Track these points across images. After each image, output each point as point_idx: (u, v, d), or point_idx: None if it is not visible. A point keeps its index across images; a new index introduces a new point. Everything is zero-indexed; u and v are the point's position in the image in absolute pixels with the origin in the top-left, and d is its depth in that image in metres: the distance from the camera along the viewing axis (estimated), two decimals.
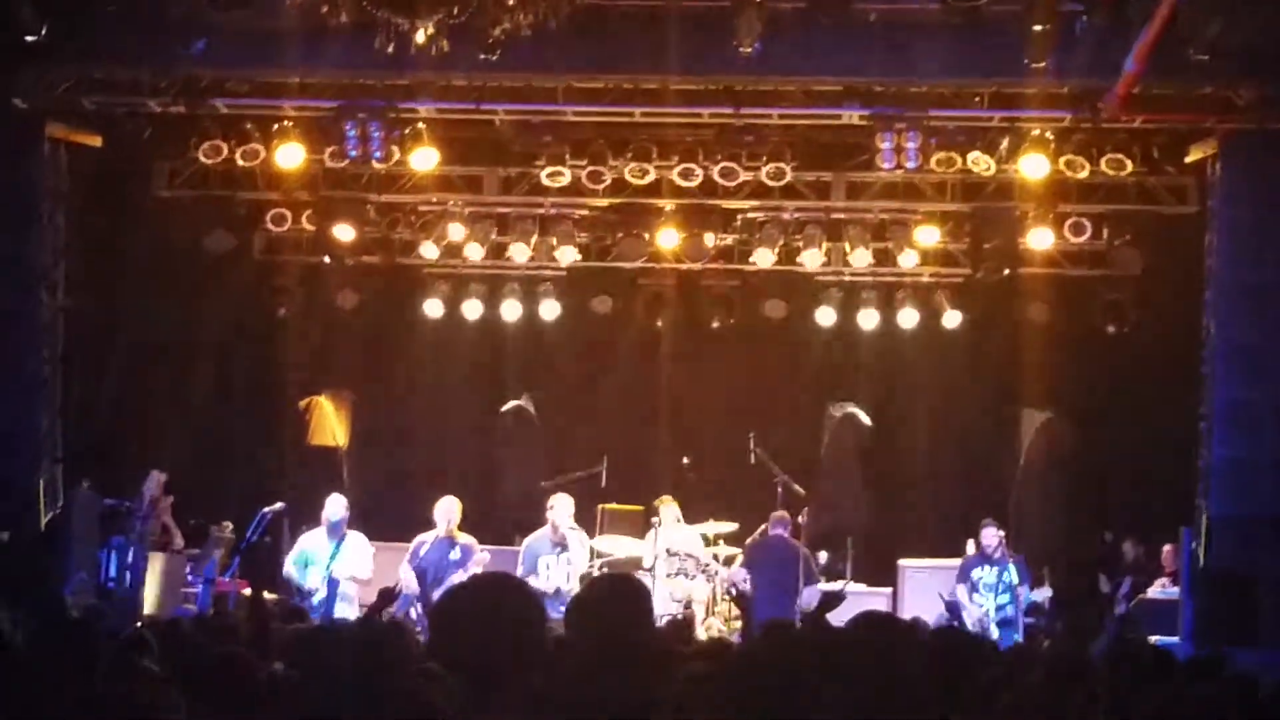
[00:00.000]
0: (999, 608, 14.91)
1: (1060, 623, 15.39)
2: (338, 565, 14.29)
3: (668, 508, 15.65)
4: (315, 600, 14.00)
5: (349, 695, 4.91)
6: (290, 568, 14.39)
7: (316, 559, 14.32)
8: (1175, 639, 13.52)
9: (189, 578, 15.70)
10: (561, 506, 15.12)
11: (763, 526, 15.59)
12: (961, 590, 15.11)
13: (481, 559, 14.48)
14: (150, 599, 14.81)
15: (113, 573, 14.74)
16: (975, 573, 15.10)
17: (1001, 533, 15.13)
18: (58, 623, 5.98)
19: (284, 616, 11.19)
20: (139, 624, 11.21)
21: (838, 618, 7.47)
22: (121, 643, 6.90)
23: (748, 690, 4.85)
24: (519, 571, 14.31)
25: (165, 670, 6.65)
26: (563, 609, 4.80)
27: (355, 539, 14.69)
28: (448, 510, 14.60)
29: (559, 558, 14.89)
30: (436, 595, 14.02)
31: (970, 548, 15.34)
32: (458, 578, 14.22)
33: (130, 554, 14.84)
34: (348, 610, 13.80)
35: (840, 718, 4.52)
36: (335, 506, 14.67)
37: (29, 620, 6.87)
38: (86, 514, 14.83)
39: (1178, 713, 5.82)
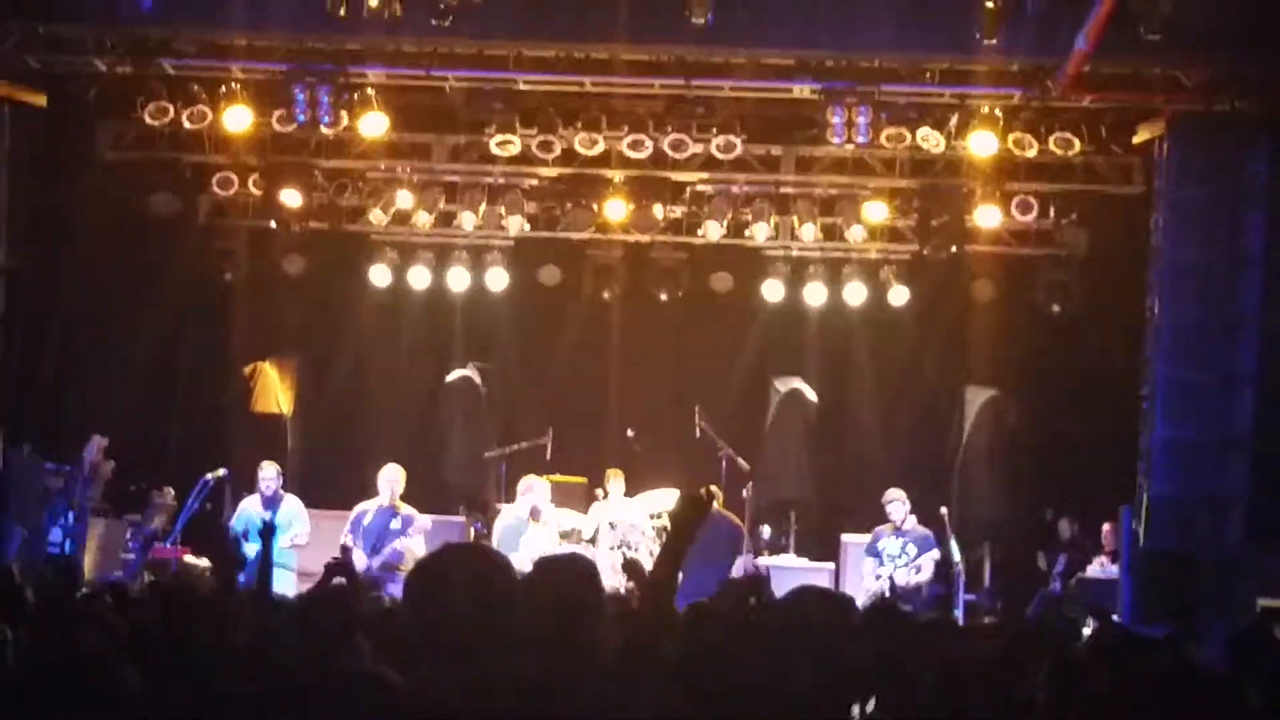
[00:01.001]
0: (892, 578, 14.73)
1: (1000, 600, 15.50)
2: (278, 534, 14.25)
3: (615, 481, 15.66)
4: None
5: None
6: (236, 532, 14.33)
7: (254, 527, 14.28)
8: (1114, 617, 13.60)
9: (129, 543, 15.61)
10: (540, 490, 15.07)
11: None
12: (869, 563, 15.03)
13: (422, 525, 14.45)
14: (88, 564, 14.71)
15: (55, 537, 14.65)
16: (881, 544, 15.03)
17: (907, 504, 15.04)
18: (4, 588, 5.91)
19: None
20: (81, 589, 11.16)
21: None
22: (68, 607, 6.84)
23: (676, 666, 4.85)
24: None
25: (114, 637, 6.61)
26: None
27: (290, 504, 14.69)
28: (391, 479, 14.55)
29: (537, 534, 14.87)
30: (375, 563, 14.08)
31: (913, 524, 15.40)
32: (399, 543, 14.21)
33: (71, 519, 14.75)
34: (287, 578, 13.75)
35: (774, 698, 4.51)
36: (268, 476, 14.65)
37: None
38: (27, 478, 14.69)
39: (1130, 687, 5.85)
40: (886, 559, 14.88)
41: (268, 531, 8.93)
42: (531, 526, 14.88)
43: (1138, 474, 14.35)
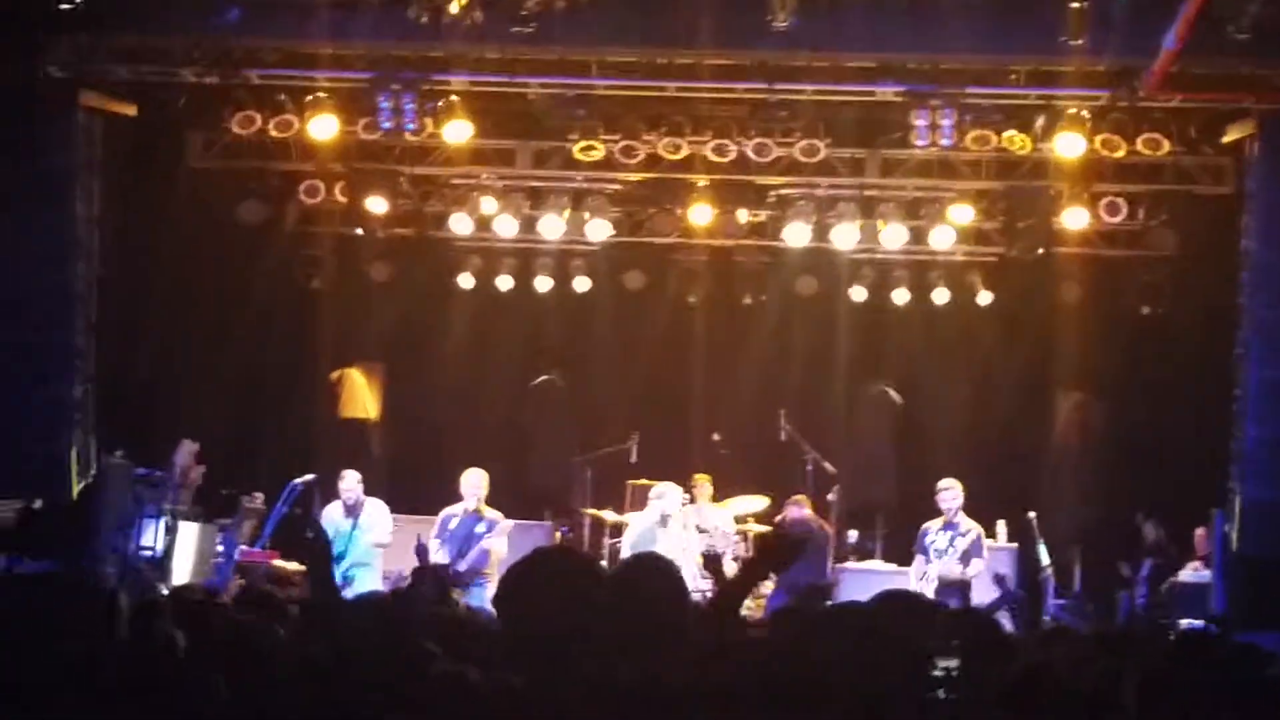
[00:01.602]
0: (941, 574, 14.25)
1: (1091, 606, 15.32)
2: (359, 537, 14.44)
3: (701, 485, 15.65)
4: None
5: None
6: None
7: (338, 534, 14.43)
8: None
9: (220, 548, 15.76)
10: (671, 497, 15.08)
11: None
12: (917, 560, 14.56)
13: (505, 527, 14.51)
14: (183, 569, 14.86)
15: (147, 541, 14.82)
16: (930, 538, 14.52)
17: (960, 496, 14.57)
18: (77, 589, 5.99)
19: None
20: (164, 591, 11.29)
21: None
22: (139, 607, 6.91)
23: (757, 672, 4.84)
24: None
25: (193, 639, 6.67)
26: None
27: (373, 506, 14.82)
28: (475, 484, 14.61)
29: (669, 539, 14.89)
30: (461, 568, 14.15)
31: (1001, 529, 15.23)
32: (486, 542, 14.28)
33: (162, 524, 14.91)
34: (370, 580, 13.87)
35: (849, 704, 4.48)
36: (349, 485, 14.80)
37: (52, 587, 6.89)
38: (119, 483, 14.86)
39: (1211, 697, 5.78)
40: (934, 553, 14.42)
41: (325, 555, 8.99)
42: (661, 533, 14.86)
43: (1230, 477, 14.15)
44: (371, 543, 14.62)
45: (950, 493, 14.63)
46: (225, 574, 14.71)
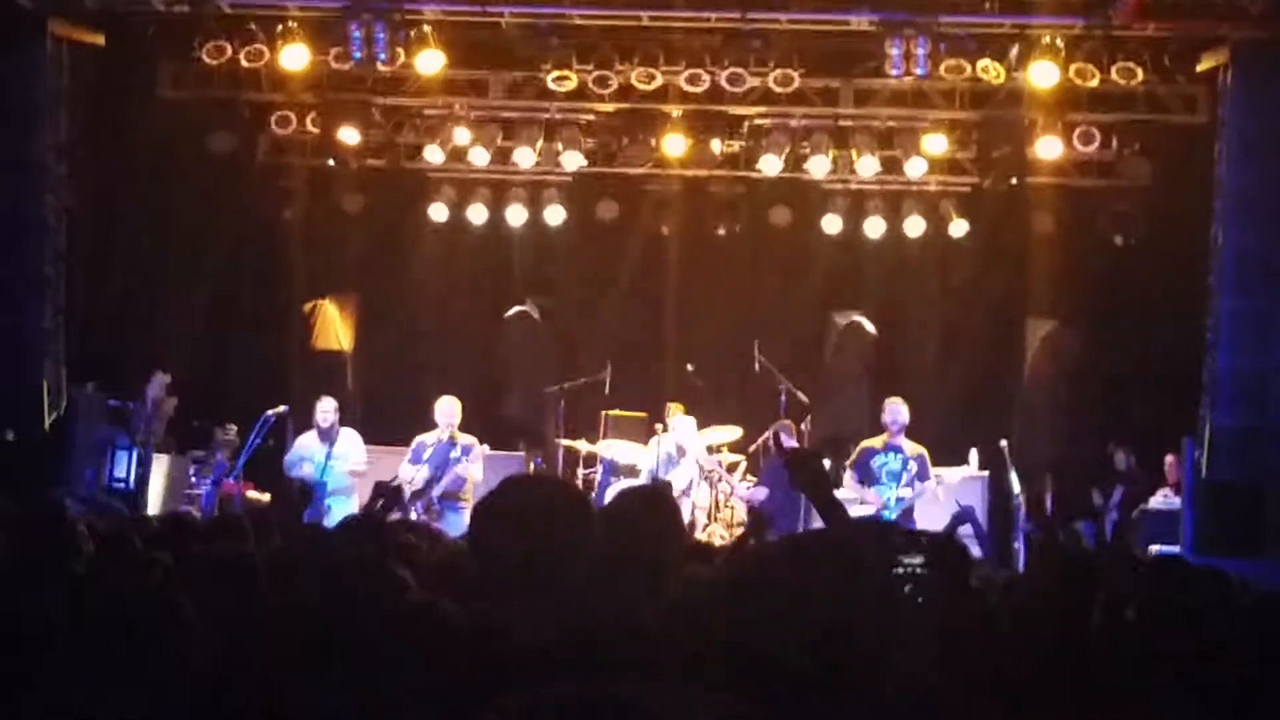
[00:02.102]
0: (899, 500, 14.06)
1: (1062, 530, 15.40)
2: (334, 464, 14.46)
3: (676, 415, 15.69)
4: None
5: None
6: (288, 469, 14.56)
7: (312, 461, 14.47)
8: (1176, 549, 13.54)
9: (192, 479, 15.78)
10: (683, 426, 15.12)
11: (767, 436, 15.60)
12: (850, 478, 14.27)
13: (481, 452, 14.56)
14: (154, 500, 14.89)
15: (119, 473, 14.82)
16: (877, 460, 14.21)
17: (905, 412, 14.33)
18: (47, 519, 5.97)
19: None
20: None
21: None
22: (107, 538, 6.91)
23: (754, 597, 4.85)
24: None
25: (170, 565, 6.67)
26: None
27: (347, 435, 14.87)
28: (448, 411, 14.63)
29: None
30: (436, 492, 14.20)
31: (973, 457, 15.29)
32: (461, 468, 14.32)
33: (135, 455, 14.91)
34: (349, 509, 13.91)
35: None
36: (325, 410, 14.81)
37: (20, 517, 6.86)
38: (91, 414, 14.86)
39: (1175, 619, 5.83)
40: (886, 476, 14.18)
41: (306, 494, 9.03)
42: (675, 464, 14.99)
43: (1200, 405, 14.22)
44: (347, 470, 14.65)
45: (895, 406, 14.46)
46: (208, 504, 14.74)
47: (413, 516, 13.83)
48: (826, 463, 14.72)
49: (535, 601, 4.19)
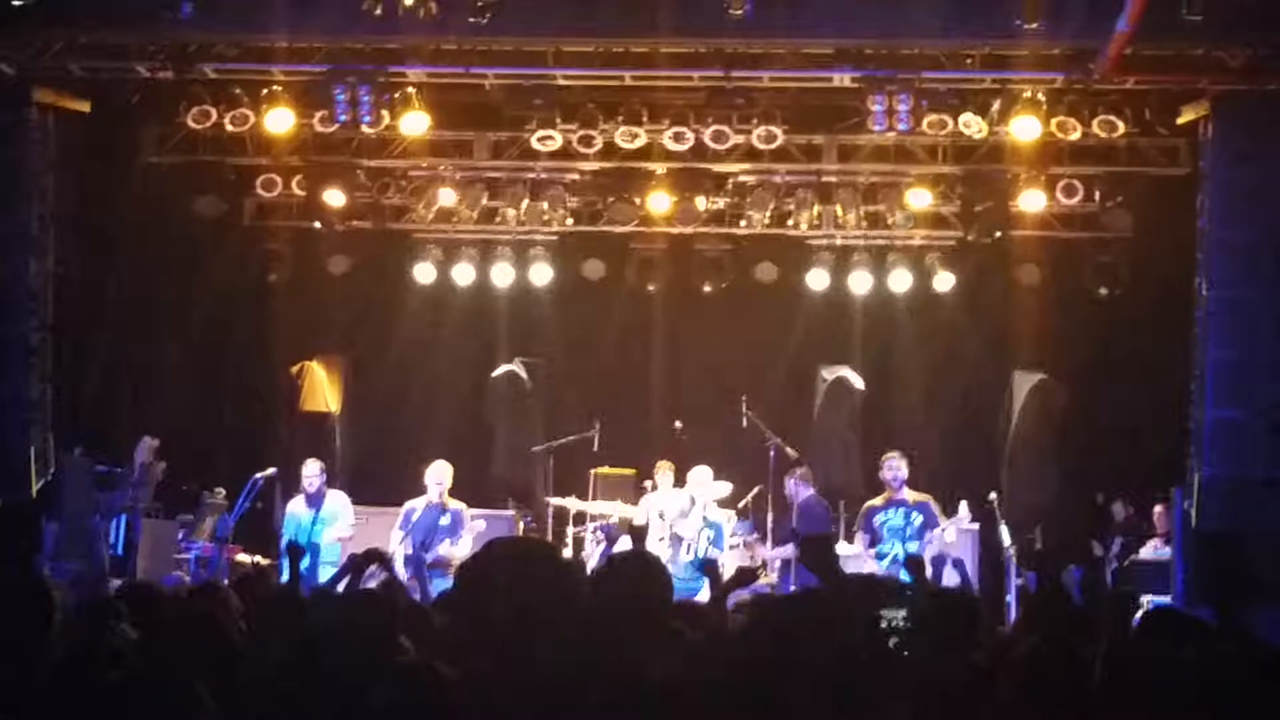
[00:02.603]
0: (909, 555, 13.52)
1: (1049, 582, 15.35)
2: (320, 528, 14.39)
3: (664, 473, 15.70)
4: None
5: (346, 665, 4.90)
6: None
7: (300, 527, 14.41)
8: (1167, 599, 13.54)
9: (181, 544, 15.73)
10: (698, 477, 15.14)
11: (757, 490, 15.63)
12: (860, 539, 14.40)
13: (475, 526, 14.51)
14: (141, 565, 14.83)
15: (113, 539, 14.79)
16: (879, 518, 14.31)
17: (905, 468, 14.42)
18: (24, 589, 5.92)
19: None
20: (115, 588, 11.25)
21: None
22: (92, 606, 6.88)
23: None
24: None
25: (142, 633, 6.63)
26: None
27: (334, 497, 14.82)
28: (439, 475, 14.59)
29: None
30: (428, 559, 14.13)
31: (963, 510, 15.26)
32: (446, 546, 14.27)
33: (124, 520, 14.87)
34: (330, 571, 13.83)
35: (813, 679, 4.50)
36: (311, 473, 14.77)
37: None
38: (79, 481, 14.82)
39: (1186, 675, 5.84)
40: (887, 532, 14.24)
41: (295, 553, 8.99)
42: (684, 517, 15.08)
43: (1188, 455, 14.25)
44: (334, 537, 14.58)
45: (893, 463, 14.50)
46: (214, 567, 14.65)
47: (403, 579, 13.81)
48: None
49: (524, 660, 4.19)
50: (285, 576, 9.16)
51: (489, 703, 4.19)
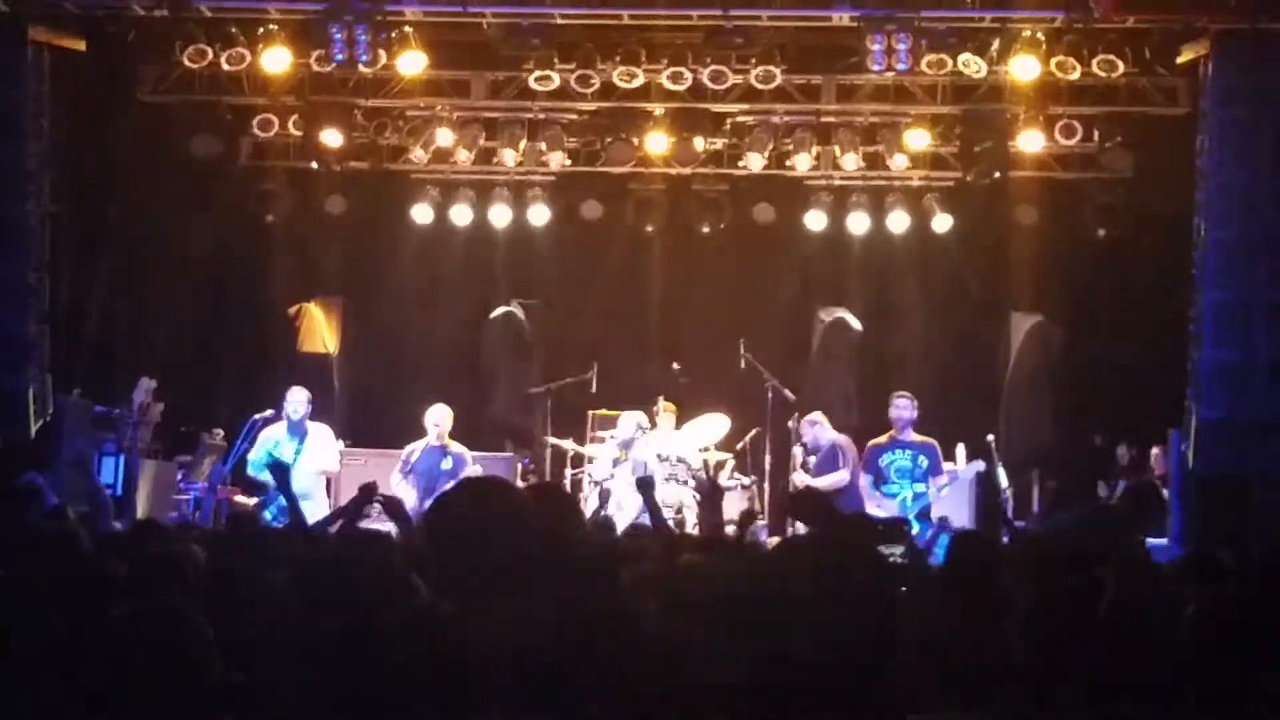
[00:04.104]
0: (917, 496, 14.11)
1: (1053, 520, 15.38)
2: (303, 459, 14.10)
3: (665, 414, 15.69)
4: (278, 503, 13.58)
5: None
6: (252, 470, 14.19)
7: (280, 456, 14.13)
8: (1163, 541, 13.56)
9: (180, 485, 15.75)
10: (625, 424, 15.16)
11: (754, 433, 15.66)
12: (864, 481, 14.35)
13: (473, 469, 14.49)
14: (141, 506, 14.84)
15: (107, 480, 14.78)
16: (885, 458, 14.30)
17: (913, 409, 14.42)
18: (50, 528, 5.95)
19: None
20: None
21: None
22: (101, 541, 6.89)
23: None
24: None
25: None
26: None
27: (319, 431, 14.49)
28: (439, 418, 14.56)
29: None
30: (427, 504, 14.12)
31: (960, 453, 15.28)
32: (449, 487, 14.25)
33: (122, 461, 14.88)
34: (314, 510, 13.63)
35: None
36: (297, 401, 14.43)
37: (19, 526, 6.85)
38: (77, 422, 14.81)
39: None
40: (896, 474, 14.28)
41: (280, 471, 8.89)
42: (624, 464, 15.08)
43: (1186, 397, 14.25)
44: (317, 469, 14.30)
45: (903, 402, 14.53)
46: (208, 508, 14.60)
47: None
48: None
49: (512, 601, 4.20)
50: (282, 499, 9.05)
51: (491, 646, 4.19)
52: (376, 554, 5.17)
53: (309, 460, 14.04)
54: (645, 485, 7.87)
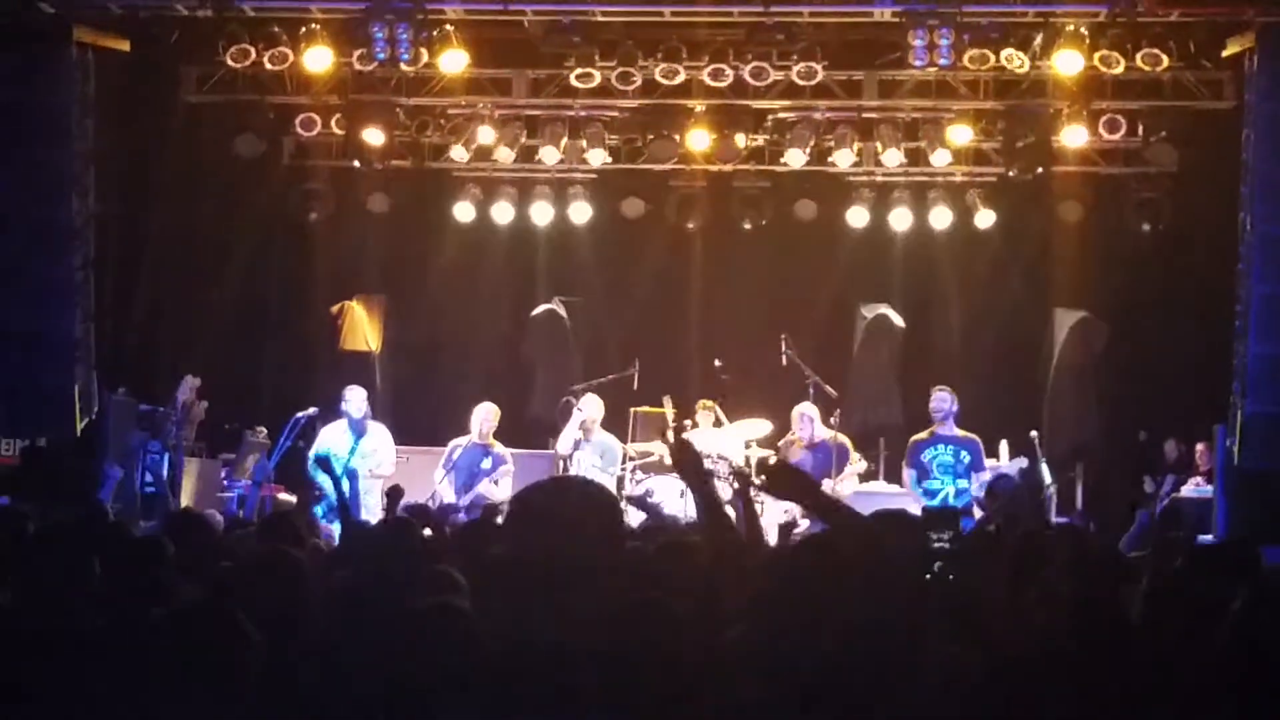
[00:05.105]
0: (960, 493, 14.12)
1: (1092, 520, 15.33)
2: (359, 459, 14.31)
3: (704, 412, 15.68)
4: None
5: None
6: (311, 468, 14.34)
7: (336, 454, 14.30)
8: (1209, 537, 13.48)
9: (224, 482, 15.82)
10: (590, 405, 15.18)
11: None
12: (908, 476, 14.42)
13: (508, 470, 14.57)
14: (184, 504, 14.91)
15: (149, 477, 14.86)
16: (927, 454, 14.36)
17: (953, 402, 14.48)
18: (98, 522, 5.99)
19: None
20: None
21: None
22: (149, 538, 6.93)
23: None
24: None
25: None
26: None
27: (377, 430, 14.71)
28: (483, 417, 14.68)
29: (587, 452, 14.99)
30: (464, 501, 14.18)
31: (1003, 449, 15.22)
32: (486, 485, 14.31)
33: (166, 459, 14.96)
34: (365, 514, 13.76)
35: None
36: (356, 401, 14.66)
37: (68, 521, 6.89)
38: (122, 419, 14.91)
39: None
40: (939, 469, 14.31)
41: (327, 467, 8.99)
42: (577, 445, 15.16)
43: (1231, 392, 14.15)
44: (370, 469, 14.51)
45: (943, 395, 14.55)
46: (252, 505, 14.67)
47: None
48: (858, 466, 14.49)
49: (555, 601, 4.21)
50: (331, 493, 9.11)
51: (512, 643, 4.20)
52: (405, 543, 5.19)
53: (363, 460, 14.31)
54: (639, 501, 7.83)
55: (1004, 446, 15.16)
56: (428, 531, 8.21)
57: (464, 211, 17.72)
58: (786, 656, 4.05)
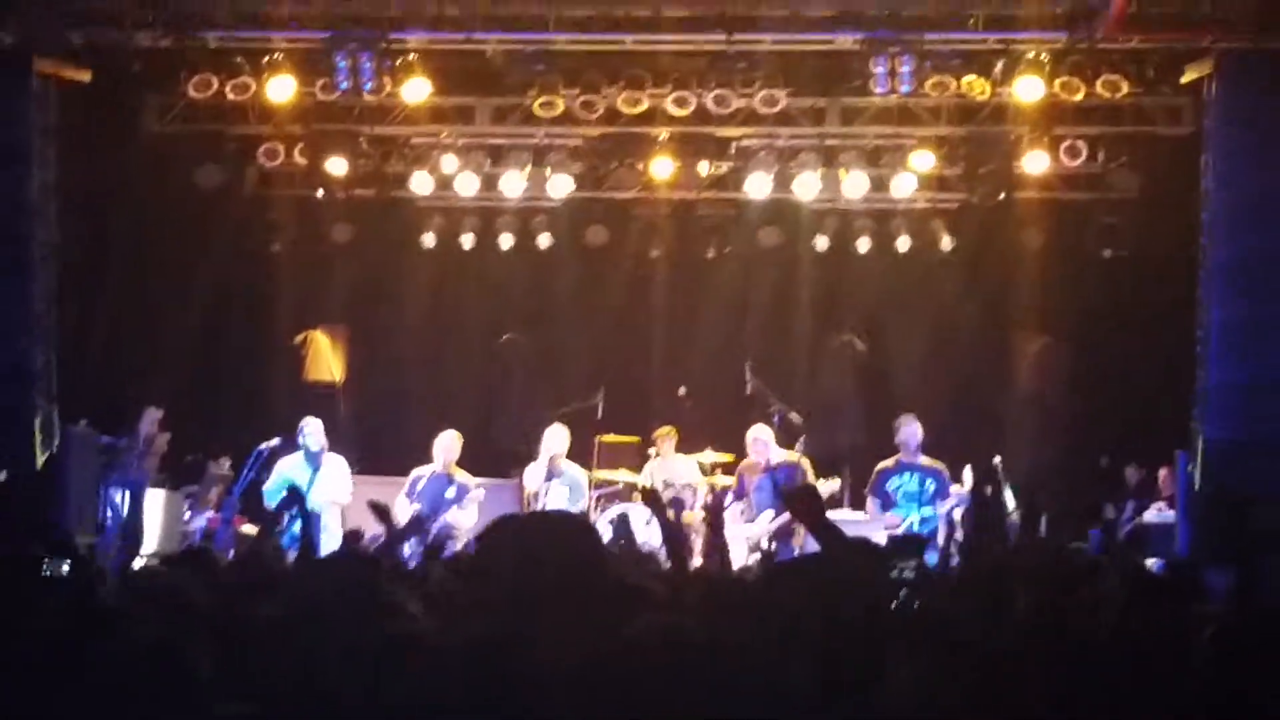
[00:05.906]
0: (924, 520, 14.20)
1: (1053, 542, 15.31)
2: (316, 490, 14.25)
3: (667, 440, 15.67)
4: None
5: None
6: (269, 499, 14.31)
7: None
8: (1159, 561, 13.50)
9: (187, 515, 15.72)
10: (555, 438, 15.14)
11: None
12: (871, 504, 14.47)
13: (476, 496, 14.52)
14: (152, 536, 14.82)
15: (112, 510, 14.76)
16: (892, 482, 14.43)
17: (919, 430, 14.55)
18: (68, 555, 5.94)
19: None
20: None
21: None
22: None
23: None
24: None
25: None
26: None
27: (333, 462, 14.70)
28: (447, 446, 14.63)
29: (556, 486, 14.94)
30: (434, 527, 14.13)
31: (967, 475, 15.23)
32: (453, 513, 14.27)
33: (128, 491, 14.86)
34: (328, 540, 13.75)
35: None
36: (315, 433, 14.64)
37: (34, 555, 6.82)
38: (84, 451, 14.80)
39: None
40: (903, 498, 14.36)
41: (297, 498, 8.95)
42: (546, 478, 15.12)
43: (1192, 418, 14.21)
44: (328, 499, 14.47)
45: (911, 427, 14.60)
46: (223, 538, 14.59)
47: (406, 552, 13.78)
48: (832, 485, 14.58)
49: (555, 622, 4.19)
50: (296, 525, 9.08)
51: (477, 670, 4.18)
52: (360, 577, 5.15)
53: (322, 490, 14.24)
54: (621, 523, 7.82)
55: (968, 472, 15.15)
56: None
57: (428, 240, 17.71)
58: (759, 684, 4.05)
